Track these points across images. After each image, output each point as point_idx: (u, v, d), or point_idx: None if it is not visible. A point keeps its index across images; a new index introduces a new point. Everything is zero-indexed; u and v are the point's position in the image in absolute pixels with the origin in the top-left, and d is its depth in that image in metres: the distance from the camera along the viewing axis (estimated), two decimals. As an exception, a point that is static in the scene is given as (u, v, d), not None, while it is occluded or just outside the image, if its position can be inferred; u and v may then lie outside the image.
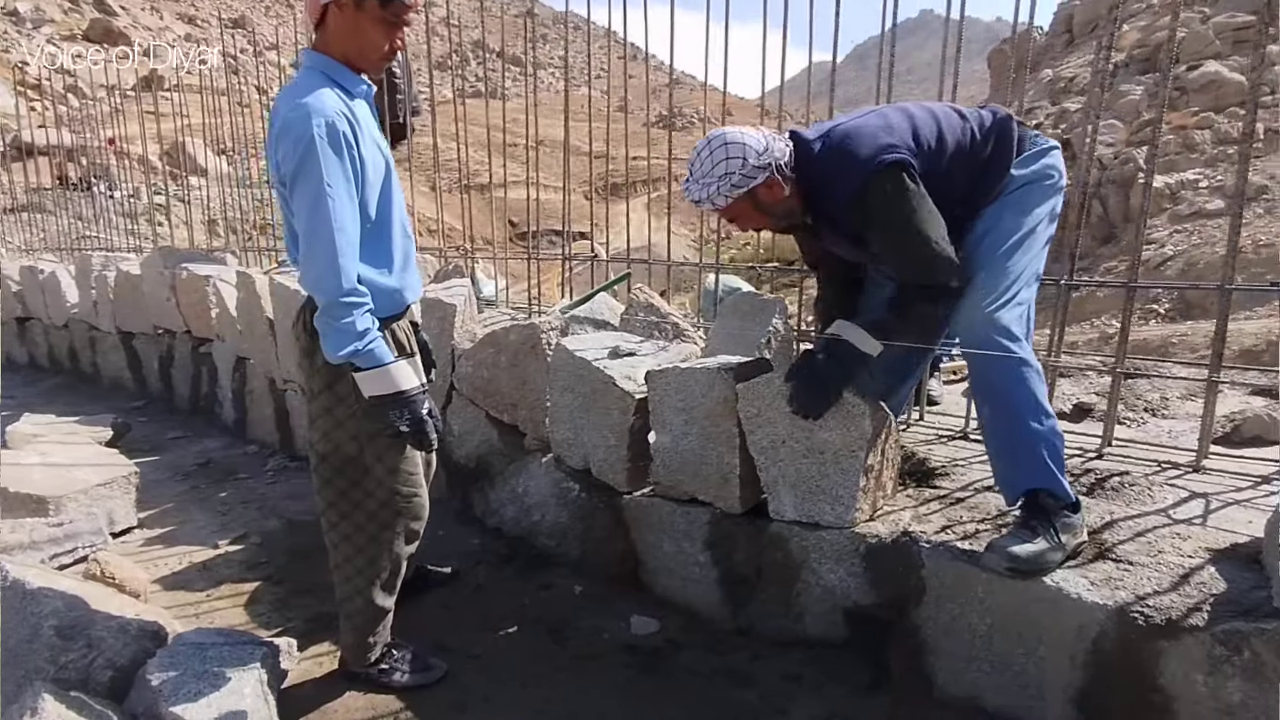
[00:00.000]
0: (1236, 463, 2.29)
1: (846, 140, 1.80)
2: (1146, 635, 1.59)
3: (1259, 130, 14.43)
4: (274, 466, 3.72)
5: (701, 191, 1.83)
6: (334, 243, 1.65)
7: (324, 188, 1.64)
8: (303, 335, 1.89)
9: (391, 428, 1.77)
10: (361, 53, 1.77)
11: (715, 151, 1.82)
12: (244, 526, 3.10)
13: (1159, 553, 1.78)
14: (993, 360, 1.81)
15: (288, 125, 1.66)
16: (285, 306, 3.57)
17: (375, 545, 1.98)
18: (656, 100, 21.06)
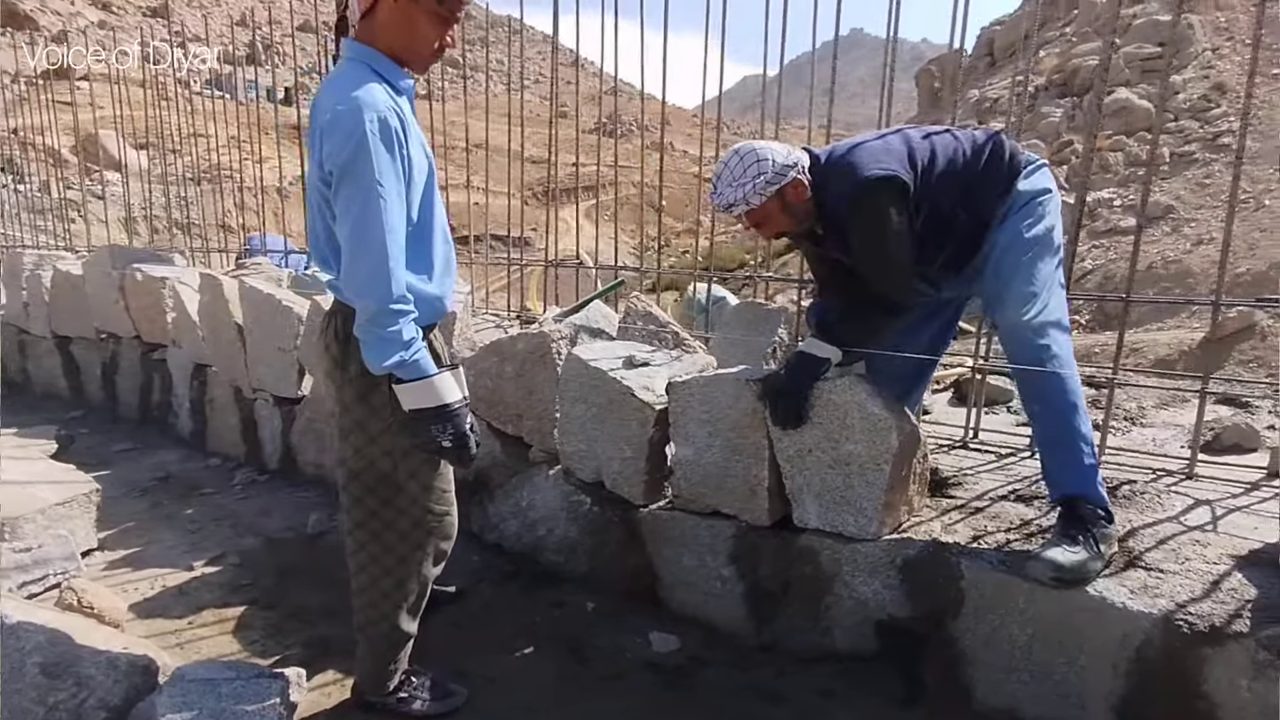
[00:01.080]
0: (1224, 469, 2.40)
1: (849, 154, 1.96)
2: (1191, 642, 1.63)
3: (1164, 154, 15.45)
4: (242, 480, 3.50)
5: (736, 193, 1.93)
6: (385, 246, 1.56)
7: (375, 187, 1.54)
8: (334, 345, 1.77)
9: (433, 443, 1.67)
10: (410, 47, 1.67)
11: (745, 157, 1.95)
12: (219, 546, 2.90)
13: (1186, 560, 1.84)
14: (1038, 364, 1.91)
15: (338, 119, 1.55)
16: (257, 311, 3.38)
17: (404, 567, 1.87)
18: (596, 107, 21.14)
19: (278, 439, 3.48)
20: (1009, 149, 1.98)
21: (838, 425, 2.00)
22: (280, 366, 3.35)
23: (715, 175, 2.00)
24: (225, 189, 5.29)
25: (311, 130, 1.68)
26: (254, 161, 4.74)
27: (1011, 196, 1.96)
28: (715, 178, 2.00)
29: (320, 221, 1.72)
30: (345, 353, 1.73)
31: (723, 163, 1.98)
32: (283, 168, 8.79)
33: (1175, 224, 14.95)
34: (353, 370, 1.72)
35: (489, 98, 5.10)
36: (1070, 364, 1.91)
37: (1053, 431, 1.95)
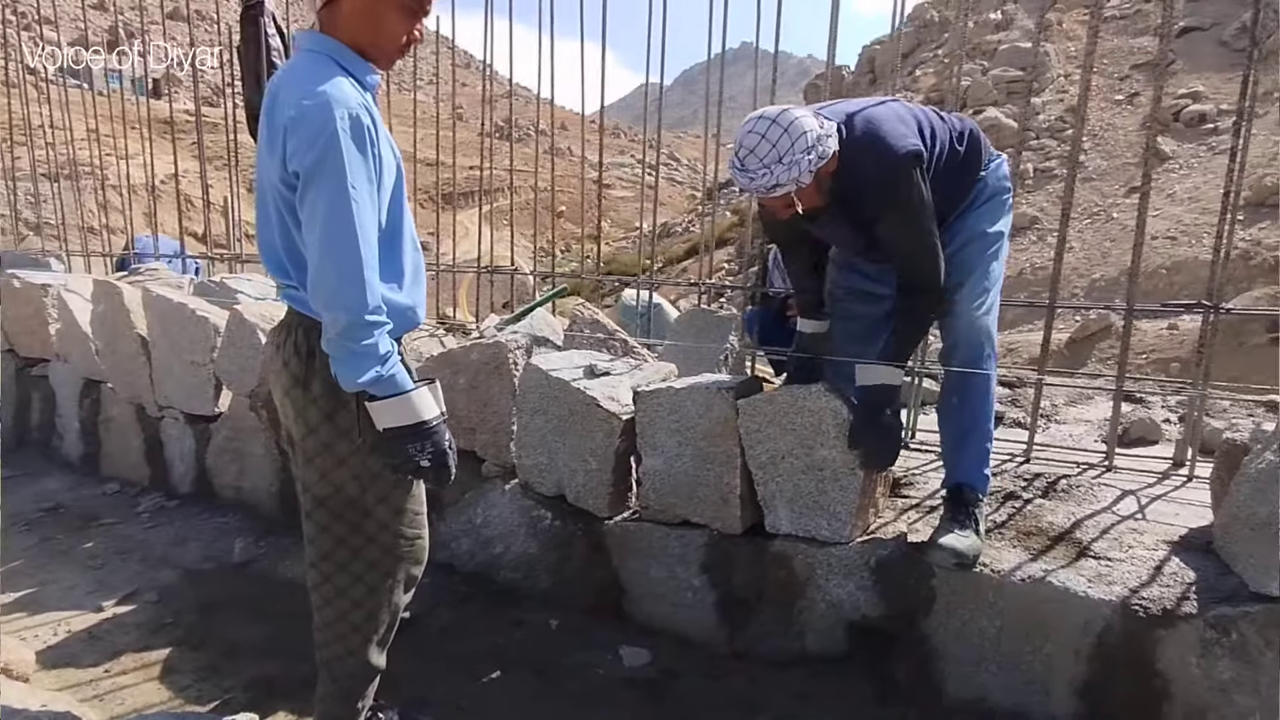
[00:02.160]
0: (1136, 461, 2.62)
1: (872, 125, 1.83)
2: (1146, 625, 1.76)
3: (1029, 169, 16.82)
4: (148, 508, 3.19)
5: (789, 171, 1.70)
6: (358, 252, 1.43)
7: (347, 189, 1.42)
8: (294, 361, 1.63)
9: (410, 463, 1.56)
10: (377, 42, 1.55)
11: (790, 129, 1.71)
12: (129, 582, 2.62)
13: (1129, 548, 1.99)
14: (974, 361, 2.01)
15: (304, 115, 1.42)
16: (165, 322, 3.10)
17: (374, 598, 1.75)
18: (490, 110, 20.81)
19: (190, 460, 3.19)
20: (982, 137, 2.01)
21: (812, 431, 2.03)
22: (194, 382, 3.08)
23: (745, 149, 1.72)
24: (85, 187, 4.82)
25: (268, 127, 1.54)
26: (118, 158, 4.35)
27: (978, 187, 2.01)
28: (747, 152, 1.71)
29: (278, 227, 1.58)
30: (308, 369, 1.60)
31: (756, 135, 1.71)
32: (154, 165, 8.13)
33: (1040, 234, 16.28)
34: (316, 389, 1.59)
35: (388, 99, 4.90)
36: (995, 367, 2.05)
37: (969, 425, 2.07)
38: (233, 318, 2.91)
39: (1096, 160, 17.20)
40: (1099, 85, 19.16)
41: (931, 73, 23.21)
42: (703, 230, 3.95)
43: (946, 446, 2.16)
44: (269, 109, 1.55)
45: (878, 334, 2.25)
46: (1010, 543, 2.05)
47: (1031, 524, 2.12)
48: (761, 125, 1.72)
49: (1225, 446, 2.04)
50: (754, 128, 1.73)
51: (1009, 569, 1.92)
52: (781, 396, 2.04)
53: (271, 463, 2.99)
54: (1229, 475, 2.03)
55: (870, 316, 2.20)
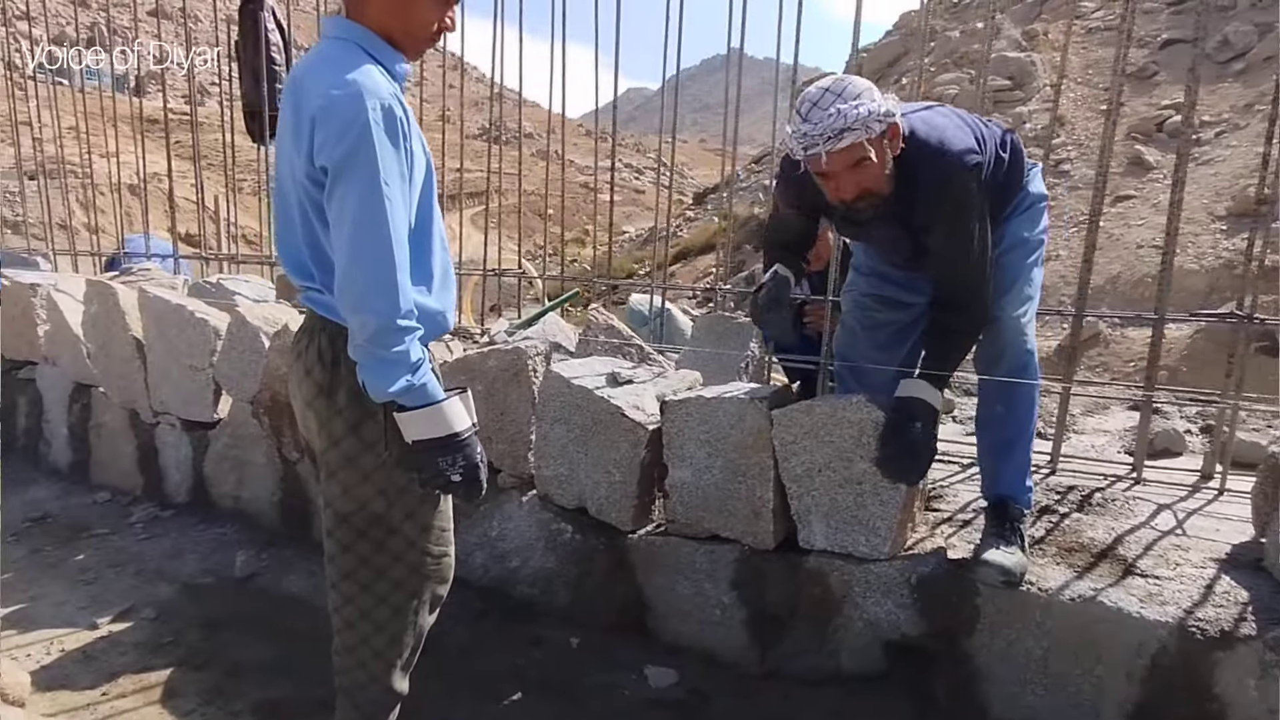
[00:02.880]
0: (1164, 473, 2.57)
1: (934, 129, 1.75)
2: (1203, 647, 1.70)
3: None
4: (142, 518, 3.06)
5: (854, 111, 1.59)
6: (390, 253, 1.34)
7: (380, 186, 1.33)
8: (317, 368, 1.53)
9: (440, 477, 1.46)
10: (407, 30, 1.46)
11: (853, 83, 1.65)
12: (125, 598, 2.50)
13: (1176, 565, 1.93)
14: (1021, 369, 1.96)
15: (334, 106, 1.33)
16: (162, 324, 2.97)
17: (399, 620, 1.65)
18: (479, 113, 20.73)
19: (186, 469, 3.07)
20: (1022, 147, 1.96)
21: (852, 444, 1.96)
22: (192, 387, 2.95)
23: (809, 102, 1.64)
24: (67, 185, 4.66)
25: (292, 118, 1.43)
26: (102, 155, 4.21)
27: (1019, 195, 1.96)
28: (810, 104, 1.63)
29: (301, 225, 1.48)
30: (332, 378, 1.50)
31: (820, 88, 1.64)
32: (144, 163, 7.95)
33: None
34: (341, 399, 1.49)
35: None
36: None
37: (1012, 435, 2.02)
38: (234, 320, 2.79)
39: (1082, 169, 17.39)
40: (1084, 95, 19.40)
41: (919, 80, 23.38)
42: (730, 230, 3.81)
43: (988, 457, 2.09)
44: (292, 100, 1.45)
45: (903, 340, 2.20)
46: (1053, 559, 1.98)
47: (1072, 540, 2.06)
48: (826, 81, 1.66)
49: (1271, 461, 1.99)
50: (818, 84, 1.66)
51: (1056, 588, 1.85)
52: (821, 407, 1.97)
53: (273, 472, 2.88)
54: (1274, 491, 1.98)
55: (897, 323, 2.15)
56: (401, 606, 1.64)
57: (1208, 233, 12.96)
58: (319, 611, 2.46)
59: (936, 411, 1.88)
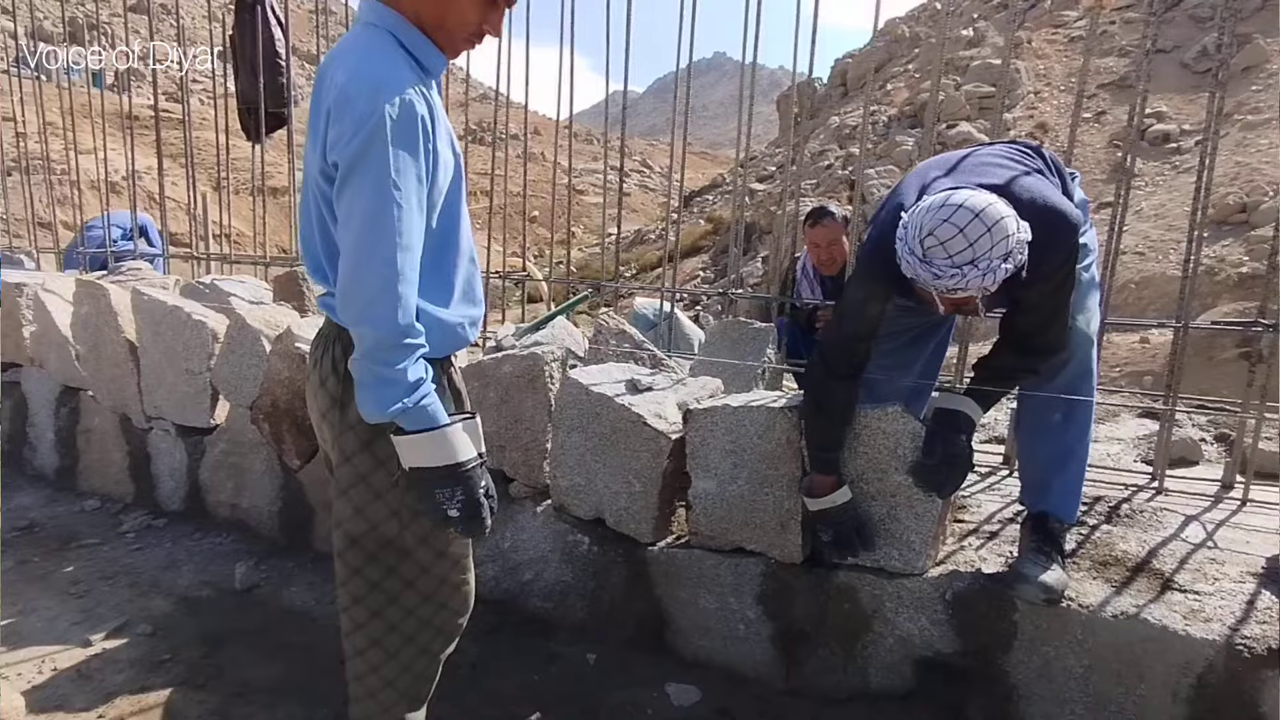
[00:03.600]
0: (1184, 483, 2.54)
1: (1039, 196, 1.65)
2: (1251, 666, 1.66)
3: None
4: (133, 527, 2.94)
5: (980, 279, 1.48)
6: (394, 262, 1.23)
7: (390, 189, 1.21)
8: (331, 379, 1.43)
9: (437, 510, 1.33)
10: (442, 23, 1.34)
11: (993, 230, 1.49)
12: (119, 612, 2.39)
13: (1215, 580, 1.89)
14: (1082, 378, 1.91)
15: (349, 99, 1.22)
16: (157, 326, 2.86)
17: (411, 648, 1.55)
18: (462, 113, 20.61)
19: (181, 476, 2.95)
20: (1062, 166, 1.92)
21: (887, 455, 1.90)
22: (188, 391, 2.84)
23: (935, 239, 1.49)
24: (40, 181, 4.52)
25: (313, 111, 1.34)
26: (86, 152, 4.08)
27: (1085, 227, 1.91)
28: (937, 244, 1.49)
29: (317, 225, 1.38)
30: (345, 390, 1.40)
31: (954, 226, 1.48)
32: (134, 160, 7.79)
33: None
34: (354, 412, 1.38)
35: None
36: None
37: (1068, 448, 1.96)
38: (233, 323, 2.69)
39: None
40: (1066, 103, 19.59)
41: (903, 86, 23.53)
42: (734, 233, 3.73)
43: (1039, 468, 2.01)
44: (316, 91, 1.36)
45: (922, 345, 2.17)
46: (1089, 574, 1.94)
47: (1105, 553, 2.02)
48: (961, 217, 1.48)
49: (1307, 473, 1.96)
50: (951, 217, 1.48)
51: (1097, 604, 1.81)
52: (855, 418, 1.91)
53: (273, 479, 2.77)
54: (1309, 502, 1.96)
55: (917, 328, 2.12)
56: (414, 635, 1.53)
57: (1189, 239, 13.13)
58: (324, 626, 2.38)
59: (974, 424, 1.83)
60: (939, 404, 1.85)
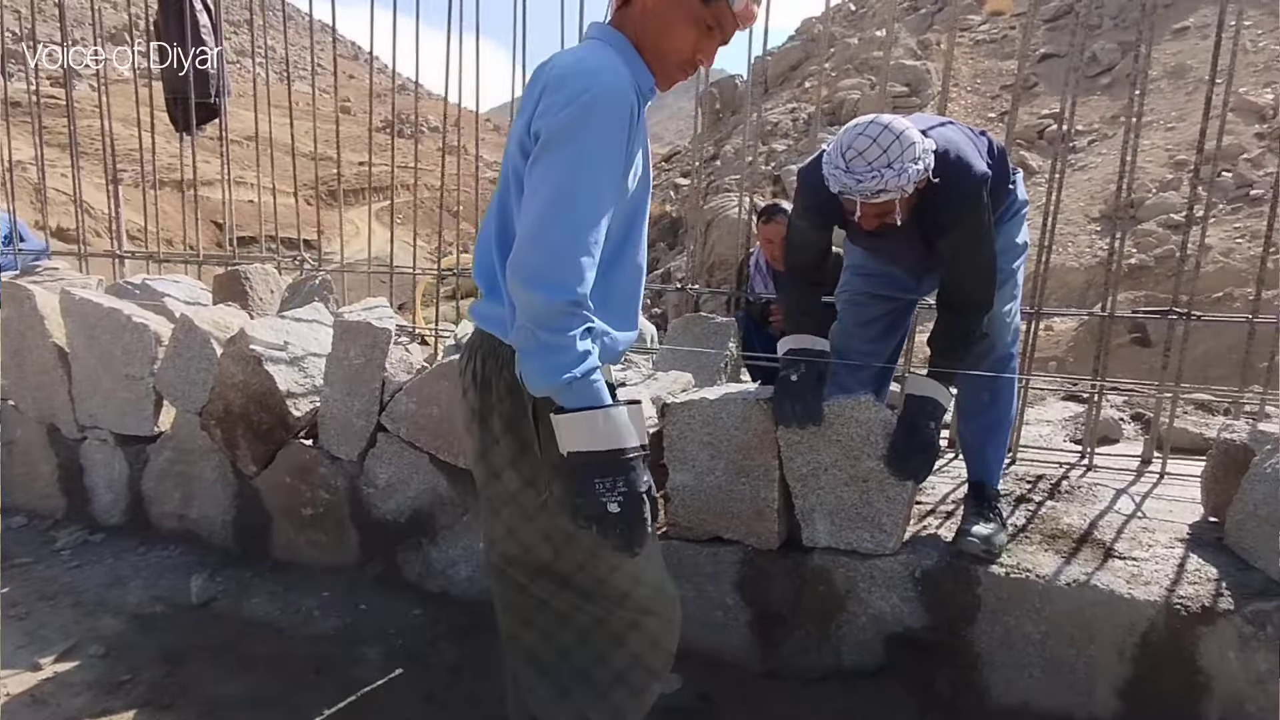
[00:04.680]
0: (1109, 460, 2.76)
1: (951, 145, 1.82)
2: (1188, 624, 1.83)
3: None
4: (69, 543, 2.76)
5: (896, 179, 1.65)
6: (580, 230, 1.17)
7: (589, 164, 1.18)
8: (470, 390, 1.37)
9: (596, 505, 1.20)
10: (659, 46, 1.33)
11: (902, 137, 1.67)
12: (65, 634, 2.26)
13: (1149, 547, 2.07)
14: (1005, 361, 2.11)
15: (569, 76, 1.21)
16: (91, 330, 2.70)
17: (587, 689, 1.42)
18: (382, 104, 19.94)
19: (121, 487, 2.79)
20: (1007, 155, 2.06)
21: (860, 442, 2.00)
22: (128, 398, 2.69)
23: (854, 150, 1.67)
24: None
25: (527, 96, 1.29)
26: None
27: (1008, 200, 2.07)
28: (855, 154, 1.67)
29: (497, 215, 1.33)
30: (483, 402, 1.34)
31: (867, 138, 1.67)
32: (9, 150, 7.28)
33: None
34: (496, 425, 1.32)
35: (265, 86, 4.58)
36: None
37: (995, 421, 2.17)
38: (180, 325, 2.57)
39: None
40: (973, 104, 20.60)
41: (821, 84, 24.22)
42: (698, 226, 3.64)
43: (973, 443, 2.23)
44: (530, 86, 1.32)
45: (895, 330, 2.33)
46: (1040, 547, 2.09)
47: (1052, 526, 2.18)
48: (874, 129, 1.69)
49: (1224, 446, 2.17)
50: (865, 130, 1.69)
51: (1051, 574, 1.95)
52: (829, 407, 1.99)
53: (226, 487, 2.66)
54: (1225, 474, 2.16)
55: (888, 317, 2.27)
56: (588, 671, 1.41)
57: (1085, 233, 14.02)
58: (291, 636, 2.32)
59: (944, 409, 1.95)
60: (911, 390, 1.96)
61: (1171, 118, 14.98)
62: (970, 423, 2.22)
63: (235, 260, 3.57)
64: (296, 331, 2.61)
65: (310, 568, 2.58)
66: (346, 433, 2.47)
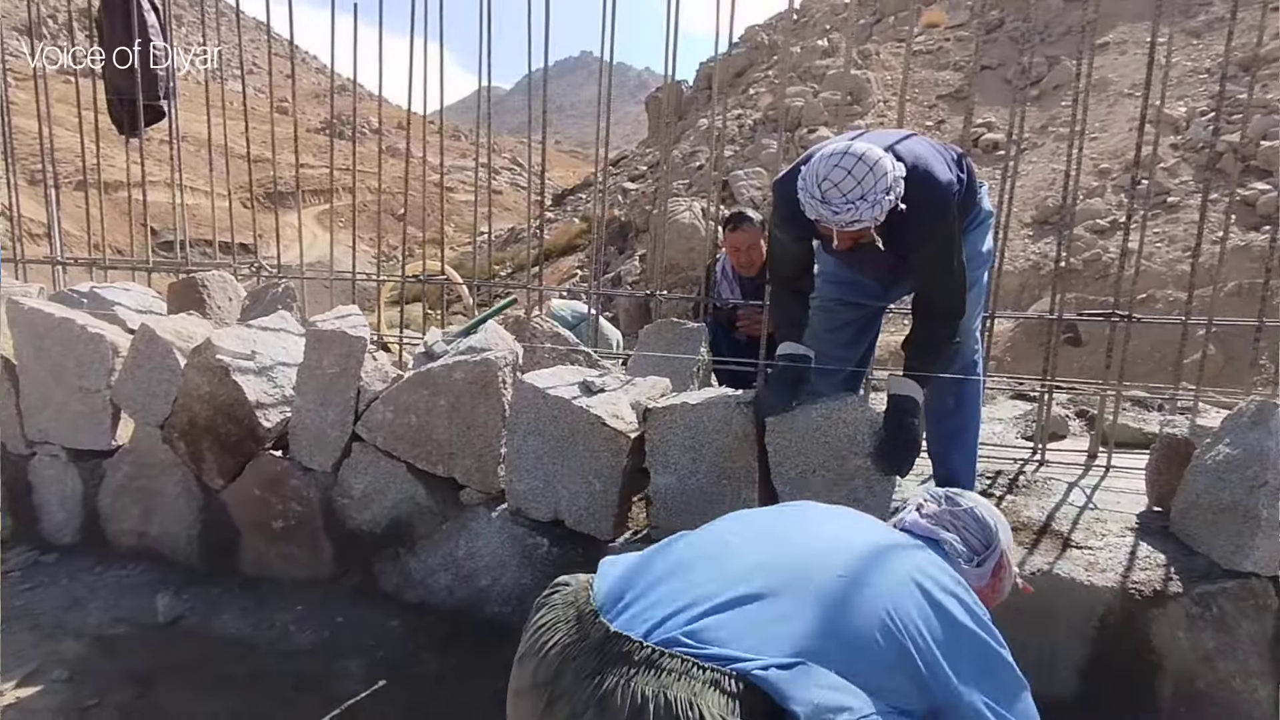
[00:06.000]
0: (1058, 454, 2.91)
1: (919, 160, 1.88)
2: (1141, 607, 1.96)
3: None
4: (19, 565, 2.64)
5: (870, 210, 1.72)
6: None
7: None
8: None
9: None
10: None
11: (875, 168, 1.73)
12: (23, 659, 2.16)
13: (1102, 536, 2.20)
14: (971, 367, 2.22)
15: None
16: (41, 341, 2.59)
17: None
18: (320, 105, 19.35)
19: (74, 505, 2.68)
20: (974, 167, 2.15)
21: (847, 442, 2.07)
22: (82, 411, 2.59)
23: (829, 182, 1.72)
24: None
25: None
26: None
27: (974, 210, 2.16)
28: (831, 185, 1.72)
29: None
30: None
31: (842, 170, 1.72)
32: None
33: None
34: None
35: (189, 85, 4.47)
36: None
37: (963, 423, 2.28)
38: (141, 335, 2.49)
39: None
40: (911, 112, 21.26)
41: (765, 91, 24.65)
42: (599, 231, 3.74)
43: (939, 445, 2.32)
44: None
45: (861, 339, 2.42)
46: (1005, 539, 2.20)
47: (1014, 519, 2.29)
48: (848, 161, 1.73)
49: (1166, 440, 2.31)
50: (840, 162, 1.73)
51: (1017, 564, 2.05)
52: (817, 410, 2.06)
53: (190, 502, 2.59)
54: (1168, 466, 2.31)
55: (858, 322, 2.37)
56: None
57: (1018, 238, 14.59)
58: (266, 653, 2.28)
59: (920, 405, 2.05)
60: (892, 389, 2.04)
61: (1095, 128, 15.72)
62: (936, 428, 2.31)
63: (188, 267, 3.47)
64: (264, 340, 2.55)
65: (282, 582, 2.53)
66: (320, 443, 2.43)
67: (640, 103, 36.92)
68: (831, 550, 1.15)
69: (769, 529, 1.27)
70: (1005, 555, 1.40)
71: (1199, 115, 14.52)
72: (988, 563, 1.37)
